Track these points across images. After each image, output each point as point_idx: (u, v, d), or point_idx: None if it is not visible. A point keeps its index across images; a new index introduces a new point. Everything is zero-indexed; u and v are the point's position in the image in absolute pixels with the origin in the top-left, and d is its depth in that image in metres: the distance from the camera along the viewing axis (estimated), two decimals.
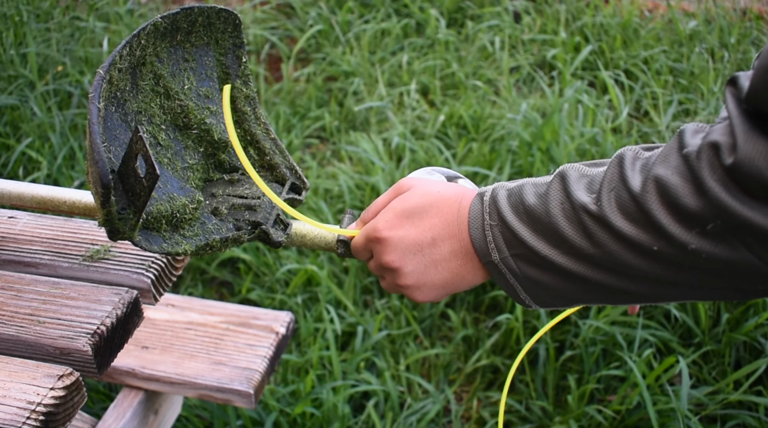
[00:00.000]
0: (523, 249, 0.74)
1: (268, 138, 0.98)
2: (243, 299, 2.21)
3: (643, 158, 0.68)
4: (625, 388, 1.83)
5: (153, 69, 0.88)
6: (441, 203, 0.80)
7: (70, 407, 0.93)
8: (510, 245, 0.75)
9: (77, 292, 1.03)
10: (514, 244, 0.75)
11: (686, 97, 2.78)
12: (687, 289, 0.69)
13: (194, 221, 0.87)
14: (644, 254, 0.67)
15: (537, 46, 3.33)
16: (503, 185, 0.78)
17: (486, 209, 0.77)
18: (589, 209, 0.69)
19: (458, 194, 0.81)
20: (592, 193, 0.70)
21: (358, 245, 0.86)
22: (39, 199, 0.98)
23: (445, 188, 0.82)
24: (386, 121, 2.90)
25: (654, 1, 3.62)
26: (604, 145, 2.42)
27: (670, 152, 0.65)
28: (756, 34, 3.10)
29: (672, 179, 0.64)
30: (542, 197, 0.73)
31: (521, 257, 0.75)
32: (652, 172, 0.65)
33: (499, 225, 0.76)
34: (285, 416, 1.85)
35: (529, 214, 0.73)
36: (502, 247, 0.75)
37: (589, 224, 0.69)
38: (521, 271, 0.75)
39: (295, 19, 3.64)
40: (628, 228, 0.66)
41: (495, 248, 0.76)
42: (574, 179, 0.72)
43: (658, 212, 0.64)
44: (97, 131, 0.73)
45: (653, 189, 0.65)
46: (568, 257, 0.71)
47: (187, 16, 0.89)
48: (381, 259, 0.82)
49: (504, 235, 0.75)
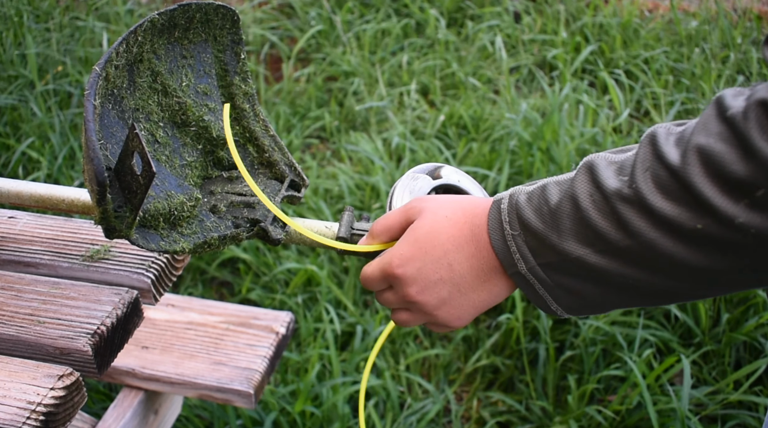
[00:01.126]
0: (552, 255, 0.69)
1: (267, 135, 0.98)
2: (243, 299, 2.21)
3: (677, 132, 0.63)
4: (625, 388, 1.82)
5: (150, 66, 0.88)
6: (450, 228, 0.76)
7: (70, 407, 0.92)
8: (537, 253, 0.70)
9: (77, 292, 1.03)
10: (541, 251, 0.70)
11: (687, 97, 2.78)
12: (731, 277, 0.63)
13: (192, 218, 0.86)
14: (686, 238, 0.61)
15: (537, 46, 3.33)
16: (521, 190, 0.73)
17: (505, 218, 0.72)
18: (624, 194, 0.63)
19: (468, 210, 0.77)
20: (624, 176, 0.64)
21: (373, 279, 0.81)
22: (38, 197, 0.98)
23: (453, 209, 0.78)
24: (386, 121, 2.90)
25: (654, 1, 3.62)
26: (605, 145, 2.42)
27: (709, 120, 0.60)
28: (756, 35, 3.10)
29: (716, 146, 0.58)
30: (568, 192, 0.68)
31: (550, 265, 0.70)
32: (692, 142, 0.60)
33: (522, 233, 0.71)
34: (285, 416, 1.84)
35: (555, 214, 0.68)
36: (528, 256, 0.71)
37: (623, 212, 0.63)
38: (551, 280, 0.70)
39: (295, 19, 3.64)
40: (669, 208, 0.61)
41: (521, 258, 0.71)
42: (602, 167, 0.66)
43: (702, 184, 0.59)
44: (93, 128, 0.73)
45: (695, 160, 0.59)
46: (601, 255, 0.66)
47: (184, 12, 0.89)
48: (402, 294, 0.79)
49: (529, 243, 0.70)
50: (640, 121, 2.84)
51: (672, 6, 3.26)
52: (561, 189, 0.69)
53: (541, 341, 1.96)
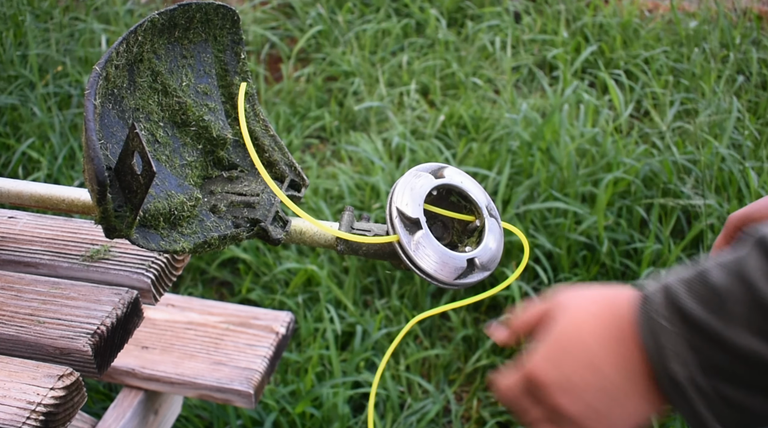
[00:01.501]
0: (717, 352, 0.56)
1: (267, 135, 0.98)
2: (243, 299, 2.21)
3: None
4: None
5: (150, 66, 0.88)
6: (594, 323, 0.66)
7: (70, 407, 0.92)
8: (698, 351, 0.57)
9: (77, 292, 1.03)
10: (704, 348, 0.57)
11: (687, 98, 2.78)
12: None
13: (192, 218, 0.86)
14: None
15: (537, 46, 3.33)
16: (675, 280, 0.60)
17: (661, 312, 0.60)
18: None
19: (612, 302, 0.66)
20: None
21: (513, 391, 0.70)
22: (38, 197, 0.98)
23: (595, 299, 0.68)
24: (386, 121, 2.90)
25: (654, 1, 3.62)
26: (605, 145, 2.42)
27: None
28: (756, 35, 3.10)
29: None
30: (738, 273, 0.56)
31: (714, 368, 0.57)
32: None
33: (684, 331, 0.58)
34: (285, 416, 1.84)
35: (722, 300, 0.56)
36: (687, 357, 0.58)
37: None
38: (714, 389, 0.57)
39: (295, 19, 3.64)
40: None
41: (677, 360, 0.58)
42: None
43: None
44: (93, 128, 0.73)
45: None
46: None
47: (184, 12, 0.89)
48: (550, 405, 0.67)
49: (689, 339, 0.58)
50: (640, 121, 2.84)
51: (672, 6, 3.27)
52: (728, 270, 0.57)
53: None
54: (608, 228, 2.23)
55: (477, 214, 0.91)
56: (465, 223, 0.92)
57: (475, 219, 0.92)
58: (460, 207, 0.93)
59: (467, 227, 0.92)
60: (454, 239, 0.93)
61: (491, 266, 0.89)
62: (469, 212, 0.92)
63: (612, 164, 2.34)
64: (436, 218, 0.92)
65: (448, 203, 0.93)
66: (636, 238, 2.21)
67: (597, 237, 2.19)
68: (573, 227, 2.20)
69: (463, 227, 0.93)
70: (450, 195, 0.93)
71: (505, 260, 2.20)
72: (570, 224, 2.19)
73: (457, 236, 0.93)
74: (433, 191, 0.89)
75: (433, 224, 0.92)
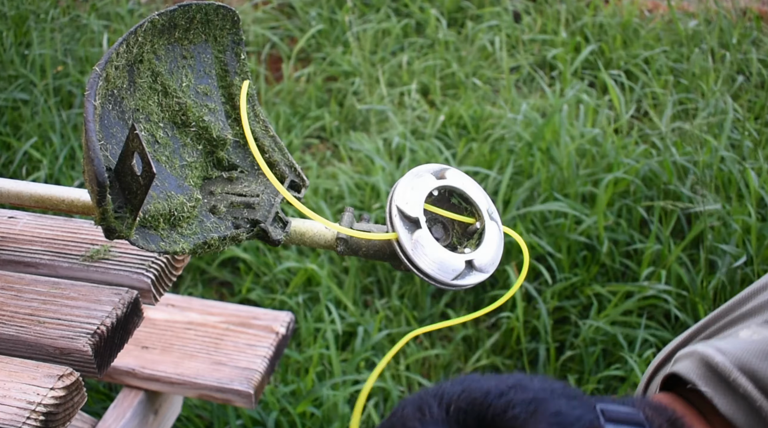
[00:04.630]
0: None
1: (267, 135, 0.98)
2: (243, 299, 2.21)
3: None
4: (626, 388, 1.82)
5: (151, 66, 0.88)
6: None
7: (70, 407, 0.92)
8: None
9: (77, 292, 1.03)
10: None
11: (687, 98, 2.78)
12: None
13: (192, 219, 0.86)
14: None
15: (537, 46, 3.32)
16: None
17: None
18: None
19: None
20: None
21: None
22: (37, 197, 0.98)
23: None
24: (386, 121, 2.90)
25: (654, 1, 3.62)
26: (605, 145, 2.42)
27: None
28: (756, 35, 3.10)
29: None
30: None
31: None
32: None
33: None
34: (285, 415, 1.84)
35: None
36: None
37: None
38: None
39: (295, 19, 3.64)
40: None
41: None
42: None
43: None
44: (93, 128, 0.73)
45: None
46: None
47: (184, 13, 0.89)
48: None
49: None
50: (639, 121, 2.84)
51: (670, 6, 3.26)
52: None
53: (542, 341, 1.96)
54: (608, 228, 2.23)
55: (477, 217, 0.91)
56: (465, 225, 0.92)
57: (475, 222, 0.92)
58: (461, 209, 0.93)
59: (467, 229, 0.92)
60: (453, 241, 0.93)
61: (490, 268, 0.89)
62: (470, 214, 0.92)
63: (612, 165, 2.34)
64: (437, 219, 0.92)
65: (449, 205, 0.93)
66: (636, 238, 2.21)
67: (597, 237, 2.19)
68: (573, 227, 2.20)
69: (464, 229, 0.93)
70: (451, 197, 0.93)
71: (505, 259, 2.20)
72: (570, 225, 2.19)
73: (457, 238, 0.93)
74: (434, 192, 0.89)
75: (433, 225, 0.92)
